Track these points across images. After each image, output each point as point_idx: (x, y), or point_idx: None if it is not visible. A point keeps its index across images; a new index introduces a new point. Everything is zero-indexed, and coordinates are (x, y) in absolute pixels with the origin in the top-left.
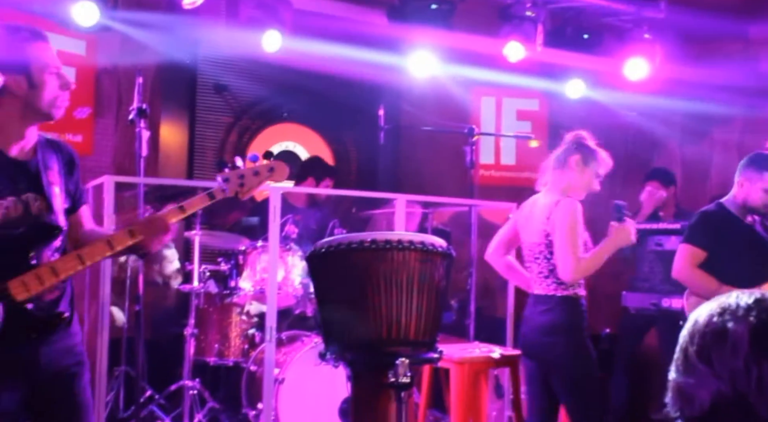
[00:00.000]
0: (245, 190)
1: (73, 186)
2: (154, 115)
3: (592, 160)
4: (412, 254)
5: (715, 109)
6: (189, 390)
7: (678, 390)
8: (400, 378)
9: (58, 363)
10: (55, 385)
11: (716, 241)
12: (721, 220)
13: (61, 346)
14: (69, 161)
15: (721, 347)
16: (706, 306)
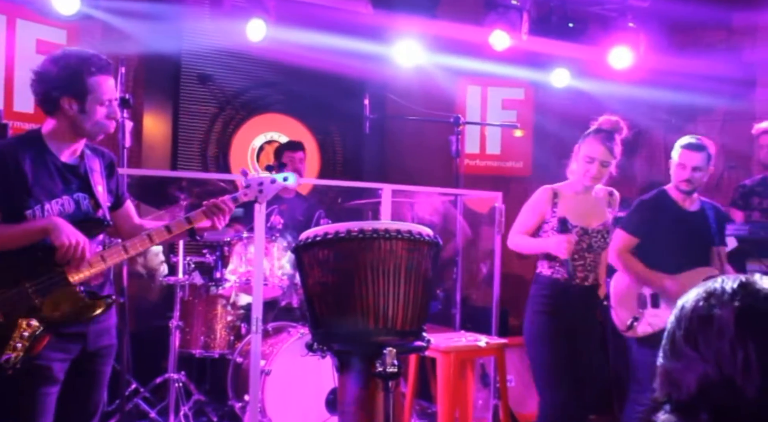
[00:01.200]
0: (263, 197)
1: (114, 185)
2: (138, 106)
3: (582, 145)
4: (399, 243)
5: (698, 98)
6: (174, 382)
7: (665, 374)
8: (388, 367)
9: (99, 341)
10: (91, 361)
11: (648, 228)
12: (654, 207)
13: (104, 327)
14: (109, 164)
15: (708, 331)
16: (693, 291)
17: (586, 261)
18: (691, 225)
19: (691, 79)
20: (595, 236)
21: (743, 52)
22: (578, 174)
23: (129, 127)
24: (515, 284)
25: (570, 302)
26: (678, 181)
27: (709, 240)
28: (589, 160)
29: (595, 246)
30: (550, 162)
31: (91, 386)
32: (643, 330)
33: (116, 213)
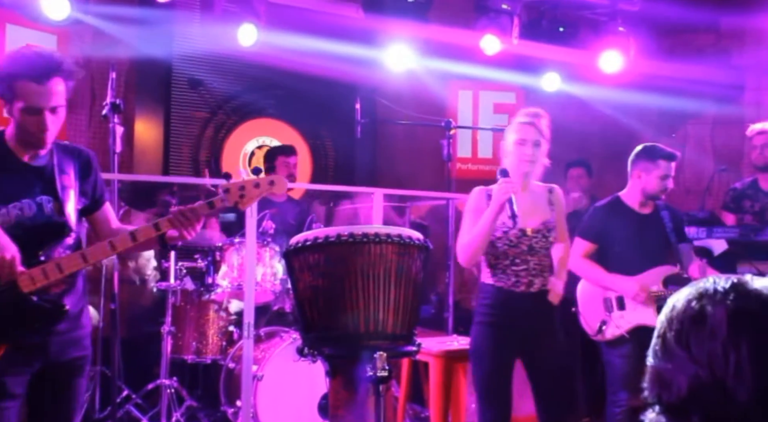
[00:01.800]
0: (245, 201)
1: (91, 186)
2: (129, 111)
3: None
4: (389, 247)
5: (688, 101)
6: (166, 388)
7: (656, 375)
8: (378, 371)
9: (66, 353)
10: (60, 374)
11: (604, 233)
12: (609, 214)
13: (70, 338)
14: (85, 164)
15: (699, 331)
16: (684, 290)
17: (529, 266)
18: (646, 228)
19: (681, 83)
20: (535, 237)
21: (732, 55)
22: (511, 165)
23: (120, 132)
24: None
25: (516, 312)
26: (658, 191)
27: (665, 240)
28: (521, 141)
29: (536, 248)
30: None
31: (60, 400)
32: (611, 334)
33: (93, 217)
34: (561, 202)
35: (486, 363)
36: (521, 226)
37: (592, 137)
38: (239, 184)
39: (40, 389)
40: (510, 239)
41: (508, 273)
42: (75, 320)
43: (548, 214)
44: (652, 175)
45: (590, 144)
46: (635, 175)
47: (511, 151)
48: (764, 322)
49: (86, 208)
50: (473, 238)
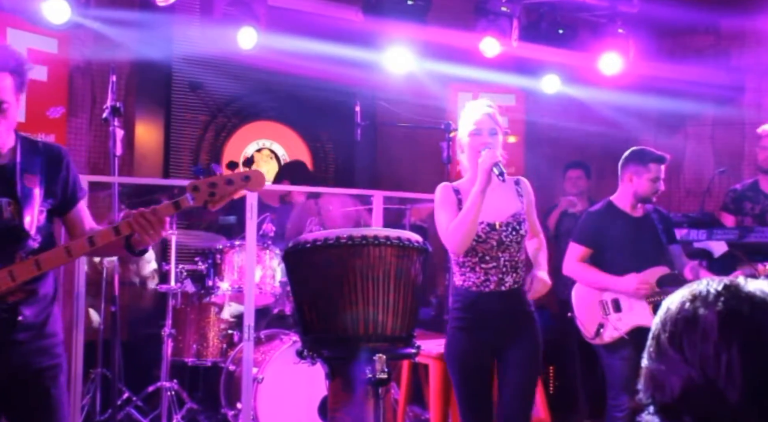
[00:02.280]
0: (216, 200)
1: (61, 186)
2: (129, 114)
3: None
4: (388, 249)
5: (688, 103)
6: (167, 391)
7: (650, 376)
8: (378, 374)
9: (32, 364)
10: (30, 385)
11: (599, 238)
12: (604, 218)
13: (35, 347)
14: (54, 161)
15: (692, 333)
16: (678, 293)
17: (499, 263)
18: (639, 230)
19: (681, 85)
20: (505, 230)
21: (732, 57)
22: (470, 159)
23: (120, 135)
24: None
25: (486, 313)
26: (650, 193)
27: (657, 241)
28: (476, 131)
29: (507, 242)
30: (542, 167)
31: (38, 413)
32: (609, 336)
33: (65, 218)
34: (530, 192)
35: (461, 369)
36: (488, 220)
37: (592, 139)
38: (209, 181)
39: (13, 403)
40: (478, 234)
41: (477, 271)
42: (38, 329)
43: (517, 206)
44: (643, 178)
45: (590, 146)
46: (626, 179)
47: (466, 142)
48: (755, 324)
49: (56, 209)
50: (463, 219)
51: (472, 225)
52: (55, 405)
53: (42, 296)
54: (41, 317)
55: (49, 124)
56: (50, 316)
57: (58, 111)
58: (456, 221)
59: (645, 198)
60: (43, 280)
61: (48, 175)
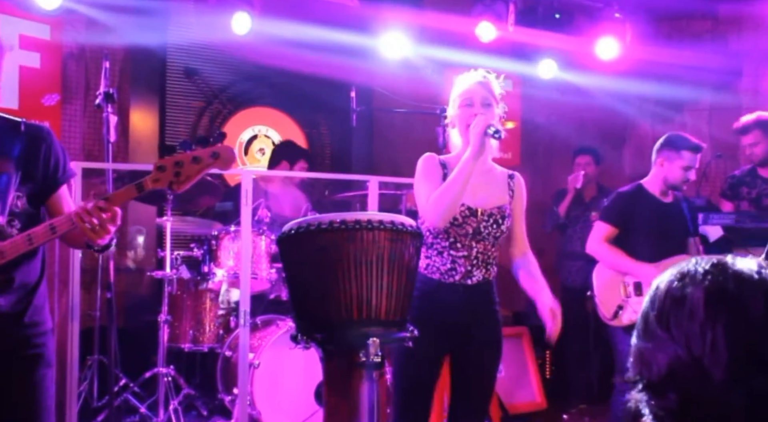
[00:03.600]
0: (182, 180)
1: (40, 169)
2: (123, 100)
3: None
4: (381, 234)
5: (685, 88)
6: (164, 377)
7: (638, 354)
8: (371, 357)
9: (9, 353)
10: (6, 375)
11: (627, 219)
12: (634, 200)
13: (11, 337)
14: (33, 143)
15: (679, 312)
16: (668, 272)
17: (471, 253)
18: (668, 216)
19: (678, 70)
20: (486, 220)
21: (729, 41)
22: (461, 133)
23: (114, 121)
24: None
25: (442, 305)
26: (680, 181)
27: (685, 230)
28: (468, 102)
29: (484, 233)
30: (538, 152)
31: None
32: (628, 319)
33: (47, 203)
34: (522, 190)
35: (404, 365)
36: (470, 204)
37: (589, 124)
38: (175, 160)
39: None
40: (455, 216)
41: (445, 257)
42: (15, 319)
43: (505, 200)
44: (675, 165)
45: (586, 131)
46: (658, 163)
47: (456, 115)
48: (741, 301)
49: (37, 193)
50: (448, 187)
51: (458, 196)
52: (33, 396)
53: (19, 285)
54: (19, 307)
55: (43, 111)
56: (30, 306)
57: (53, 98)
58: (441, 189)
59: (674, 185)
60: (22, 268)
61: (27, 158)
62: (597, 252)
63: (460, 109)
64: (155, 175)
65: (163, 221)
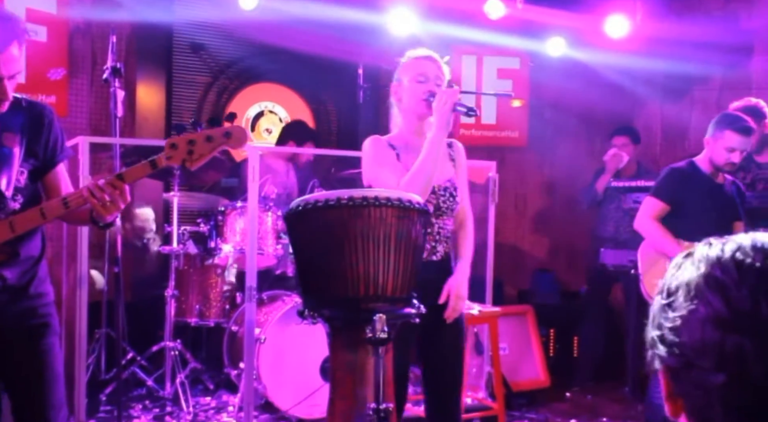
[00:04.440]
0: (194, 158)
1: (42, 147)
2: (130, 75)
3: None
4: (388, 210)
5: (695, 66)
6: (170, 351)
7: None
8: (378, 333)
9: (17, 325)
10: (16, 346)
11: (679, 197)
12: (687, 177)
13: (18, 309)
14: (36, 120)
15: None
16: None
17: (433, 229)
18: (720, 198)
19: (688, 48)
20: (443, 195)
21: (740, 19)
22: (410, 108)
23: (121, 96)
24: (509, 253)
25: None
26: (723, 164)
27: (735, 213)
28: (422, 78)
29: (443, 208)
30: (546, 131)
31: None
32: None
33: (43, 180)
34: (462, 159)
35: None
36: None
37: (597, 103)
38: (188, 138)
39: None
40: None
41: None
42: (21, 291)
43: (451, 171)
44: (719, 145)
45: (595, 110)
46: (707, 142)
47: (407, 88)
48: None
49: (37, 170)
50: (421, 169)
51: (431, 176)
52: (43, 363)
53: (24, 258)
54: (24, 279)
55: (50, 85)
56: (35, 278)
57: (59, 73)
58: (413, 172)
59: (717, 167)
60: (26, 242)
61: (30, 134)
62: (644, 229)
63: (413, 84)
64: (168, 153)
65: (170, 196)
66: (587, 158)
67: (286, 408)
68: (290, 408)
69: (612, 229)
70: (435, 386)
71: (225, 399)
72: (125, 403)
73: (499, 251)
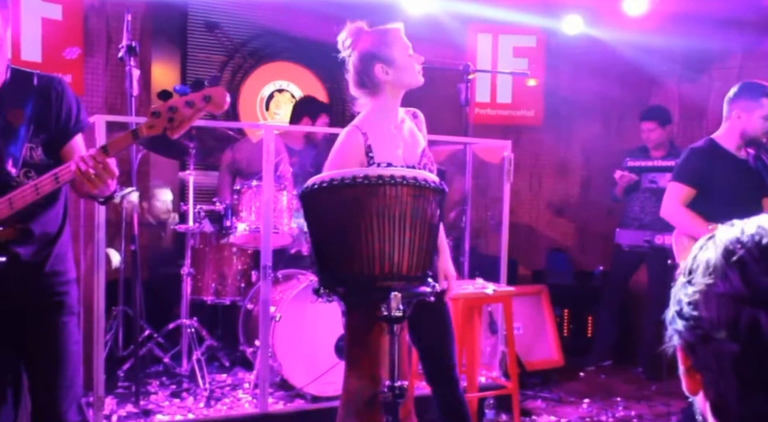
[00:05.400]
0: (175, 126)
1: (53, 119)
2: (145, 54)
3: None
4: (404, 189)
5: (714, 44)
6: (187, 328)
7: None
8: (393, 311)
9: (32, 302)
10: (30, 323)
11: (705, 178)
12: (710, 156)
13: (32, 286)
14: (45, 93)
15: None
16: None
17: None
18: (745, 174)
19: (707, 25)
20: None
21: None
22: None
23: (136, 75)
24: (524, 233)
25: None
26: (760, 133)
27: (764, 189)
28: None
29: None
30: (562, 111)
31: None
32: None
33: (60, 153)
34: (423, 126)
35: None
36: (410, 163)
37: (614, 81)
38: (168, 105)
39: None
40: None
41: None
42: (36, 268)
43: (422, 143)
44: (755, 115)
45: (612, 88)
46: (734, 116)
47: (400, 62)
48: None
49: (50, 143)
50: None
51: None
52: (54, 342)
53: (39, 235)
54: (39, 257)
55: (66, 64)
56: (50, 256)
57: (74, 51)
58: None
59: (754, 138)
60: (40, 219)
61: (39, 109)
62: (673, 217)
63: (406, 58)
64: (150, 122)
65: (186, 175)
66: (603, 137)
67: (301, 385)
68: (305, 386)
69: (638, 210)
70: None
71: (240, 377)
72: (142, 380)
73: (513, 231)
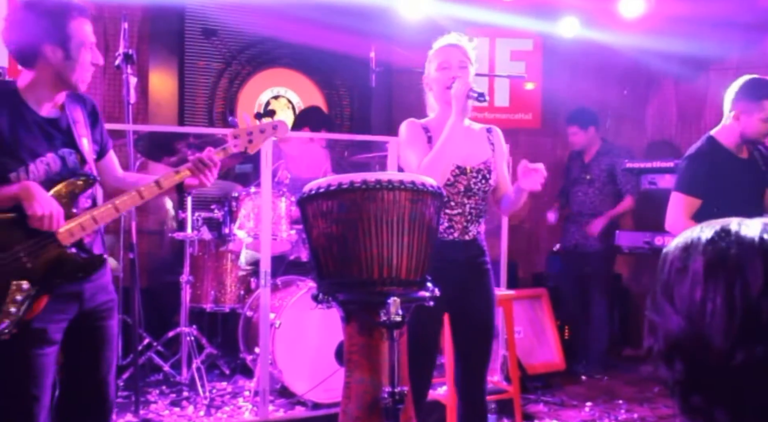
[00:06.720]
0: (253, 146)
1: (99, 134)
2: (143, 62)
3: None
4: (402, 194)
5: (711, 46)
6: (186, 336)
7: (649, 326)
8: (392, 316)
9: (96, 299)
10: (93, 318)
11: (707, 184)
12: (709, 159)
13: (100, 284)
14: (92, 111)
15: (681, 283)
16: (674, 242)
17: (464, 210)
18: (748, 174)
19: (704, 26)
20: (475, 176)
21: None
22: (439, 96)
23: (133, 82)
24: (523, 237)
25: (446, 262)
26: (760, 135)
27: (762, 187)
28: (444, 65)
29: (475, 190)
30: (560, 114)
31: (97, 344)
32: None
33: (99, 165)
34: (501, 143)
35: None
36: (459, 164)
37: (611, 84)
38: (247, 130)
39: (76, 334)
40: (447, 177)
41: (441, 216)
42: (102, 267)
43: (488, 154)
44: (754, 118)
45: (608, 92)
46: (734, 116)
47: (434, 78)
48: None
49: (98, 156)
50: (439, 153)
51: (448, 159)
52: (108, 336)
53: (101, 236)
54: (104, 252)
55: None
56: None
57: None
58: (432, 155)
59: (752, 140)
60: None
61: (90, 124)
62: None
63: (438, 72)
64: (234, 142)
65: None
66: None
67: (301, 392)
68: (306, 393)
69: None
70: (465, 365)
71: (241, 384)
72: (142, 388)
73: (513, 234)
